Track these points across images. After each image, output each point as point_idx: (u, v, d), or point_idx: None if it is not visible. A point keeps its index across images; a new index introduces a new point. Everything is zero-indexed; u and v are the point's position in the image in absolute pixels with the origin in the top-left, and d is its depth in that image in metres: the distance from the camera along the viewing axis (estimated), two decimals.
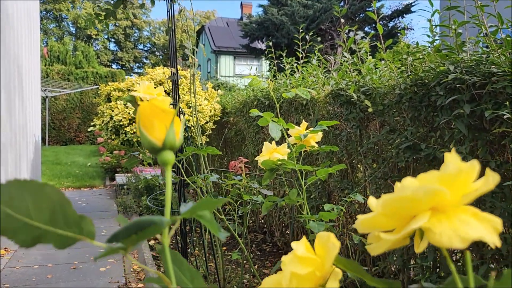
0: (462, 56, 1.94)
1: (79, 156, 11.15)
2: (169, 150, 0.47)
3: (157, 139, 0.46)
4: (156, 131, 0.46)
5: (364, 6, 13.93)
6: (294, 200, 1.36)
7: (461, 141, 1.93)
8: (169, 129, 0.46)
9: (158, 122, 0.46)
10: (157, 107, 0.46)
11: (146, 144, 0.47)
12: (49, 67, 14.71)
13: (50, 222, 0.36)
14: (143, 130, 0.47)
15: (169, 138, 0.46)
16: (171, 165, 0.47)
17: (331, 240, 0.42)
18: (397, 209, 0.35)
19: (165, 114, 0.46)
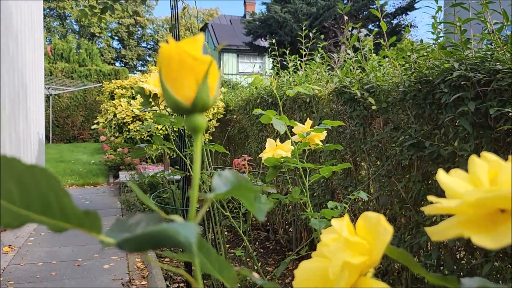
0: (466, 53, 1.93)
1: (82, 153, 11.18)
2: (200, 112, 0.37)
3: (185, 97, 0.36)
4: (184, 87, 0.36)
5: (368, 3, 13.87)
6: (297, 198, 1.35)
7: (465, 139, 1.92)
8: (202, 84, 0.36)
9: (188, 74, 0.36)
10: (187, 53, 0.35)
11: (170, 103, 0.37)
12: (52, 65, 14.74)
13: (42, 211, 0.30)
14: (167, 85, 0.36)
15: (201, 96, 0.36)
16: (202, 132, 0.38)
17: (382, 224, 0.36)
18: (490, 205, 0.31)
19: (197, 63, 0.35)
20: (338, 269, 0.35)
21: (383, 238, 0.35)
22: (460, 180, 0.35)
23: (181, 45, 0.35)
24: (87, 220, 0.32)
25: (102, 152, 10.10)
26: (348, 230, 0.37)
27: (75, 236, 4.17)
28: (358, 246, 0.36)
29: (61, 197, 0.31)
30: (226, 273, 0.38)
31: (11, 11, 4.27)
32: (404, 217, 2.30)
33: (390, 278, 2.44)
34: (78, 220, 0.32)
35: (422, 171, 2.20)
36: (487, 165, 0.35)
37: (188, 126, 0.37)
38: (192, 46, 0.35)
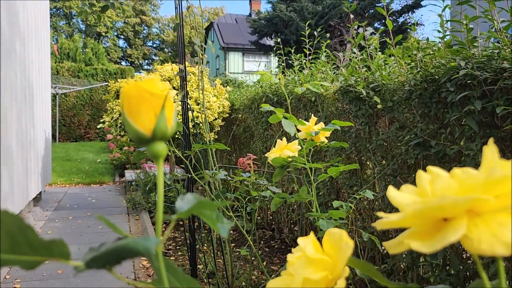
0: (473, 52, 1.92)
1: (89, 152, 11.23)
2: (160, 140, 0.40)
3: (145, 128, 0.39)
4: (144, 119, 0.39)
5: (374, 1, 13.82)
6: (304, 197, 1.35)
7: (471, 138, 1.91)
8: (160, 116, 0.39)
9: (146, 108, 0.39)
10: (145, 90, 0.39)
11: (132, 134, 0.40)
12: (59, 64, 14.81)
13: (12, 249, 0.32)
14: (128, 118, 0.40)
15: (159, 126, 0.39)
16: (163, 158, 0.41)
17: (344, 240, 0.39)
18: (432, 215, 0.32)
19: (155, 98, 0.39)
20: (299, 285, 0.38)
21: (345, 253, 0.38)
22: (408, 194, 0.37)
23: (139, 84, 0.39)
24: (55, 248, 0.33)
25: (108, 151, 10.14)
26: (313, 247, 0.41)
27: (81, 235, 4.19)
28: (319, 262, 0.39)
29: (26, 232, 0.32)
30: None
31: (18, 9, 4.29)
32: None
33: (396, 278, 2.43)
34: (47, 250, 0.33)
35: None
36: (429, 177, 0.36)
37: (150, 153, 0.41)
38: (150, 84, 0.39)
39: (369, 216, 2.68)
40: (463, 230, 0.30)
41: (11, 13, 4.01)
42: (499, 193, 0.31)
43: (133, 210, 5.16)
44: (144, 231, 4.28)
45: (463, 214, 0.31)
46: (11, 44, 4.00)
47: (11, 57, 4.00)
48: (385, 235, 2.60)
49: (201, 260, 3.13)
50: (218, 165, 3.06)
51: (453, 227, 0.30)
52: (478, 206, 0.31)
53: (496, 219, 0.30)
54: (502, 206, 0.31)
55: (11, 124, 3.94)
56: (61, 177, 7.70)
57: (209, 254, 3.10)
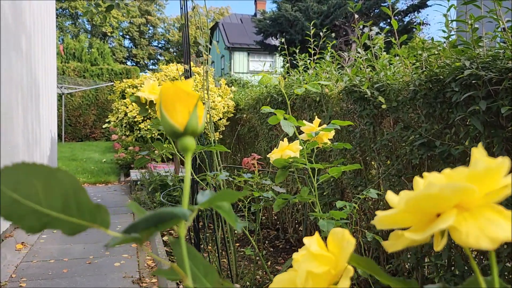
0: (478, 52, 1.91)
1: (94, 152, 11.27)
2: (191, 135, 0.45)
3: (178, 123, 0.44)
4: (178, 115, 0.44)
5: (379, 1, 13.78)
6: (306, 198, 1.35)
7: (476, 138, 1.91)
8: (192, 113, 0.44)
9: (181, 105, 0.44)
10: (181, 89, 0.44)
11: (167, 128, 0.45)
12: (65, 64, 14.88)
13: (63, 209, 0.34)
14: (165, 113, 0.44)
15: (191, 123, 0.44)
16: (192, 152, 0.45)
17: (345, 238, 0.41)
18: (421, 206, 0.34)
19: (189, 97, 0.44)
20: (303, 278, 0.40)
21: (346, 250, 0.40)
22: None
23: (177, 84, 0.44)
24: (98, 214, 0.36)
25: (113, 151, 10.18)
26: (318, 245, 0.43)
27: (87, 234, 4.19)
28: (322, 257, 0.41)
29: (78, 193, 0.35)
30: (210, 277, 0.42)
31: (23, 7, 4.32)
32: None
33: None
34: (91, 215, 0.35)
35: (433, 170, 2.18)
36: (423, 181, 0.38)
37: (181, 147, 0.45)
38: (186, 85, 0.44)
39: (374, 216, 2.67)
40: (451, 220, 0.32)
41: (17, 13, 4.03)
42: (488, 190, 0.33)
43: None
44: None
45: (453, 208, 0.33)
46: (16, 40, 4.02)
47: (17, 54, 4.02)
48: (389, 234, 2.59)
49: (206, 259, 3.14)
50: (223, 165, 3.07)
51: (443, 218, 0.33)
52: (466, 200, 0.33)
53: (484, 215, 0.32)
54: (490, 202, 0.33)
55: (17, 123, 3.96)
56: None
57: (214, 254, 3.10)
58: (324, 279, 0.41)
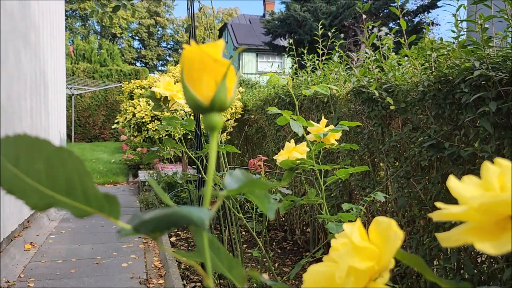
0: (488, 52, 1.88)
1: (103, 152, 11.33)
2: (218, 111, 0.38)
3: (204, 96, 0.38)
4: (204, 87, 0.37)
5: (388, 1, 13.71)
6: (313, 200, 1.34)
7: (486, 140, 1.88)
8: (220, 84, 0.37)
9: (207, 75, 0.37)
10: (208, 55, 0.37)
11: (190, 101, 0.38)
12: (75, 65, 14.99)
13: (66, 192, 0.31)
14: (187, 84, 0.38)
15: (219, 96, 0.37)
16: (219, 130, 0.39)
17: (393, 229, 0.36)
18: (499, 210, 0.30)
19: (217, 65, 0.37)
20: (344, 273, 0.36)
21: (393, 243, 0.35)
22: (471, 186, 0.34)
23: (203, 47, 0.37)
24: (106, 204, 0.33)
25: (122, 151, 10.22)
26: (359, 234, 0.38)
27: (95, 235, 4.22)
28: (366, 251, 0.36)
29: (84, 178, 0.32)
30: (235, 272, 0.39)
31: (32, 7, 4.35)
32: (423, 219, 2.26)
33: (409, 281, 2.39)
34: (99, 203, 0.32)
35: (442, 172, 2.16)
36: (498, 170, 0.33)
37: (206, 124, 0.39)
38: (213, 49, 0.37)
39: None
40: None
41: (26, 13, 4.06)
42: None
43: (147, 210, 5.19)
44: None
45: None
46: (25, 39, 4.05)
47: (26, 54, 4.05)
48: None
49: None
50: (230, 166, 3.06)
51: None
52: None
53: None
54: None
55: (26, 122, 3.99)
56: None
57: None
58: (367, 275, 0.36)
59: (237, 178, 0.38)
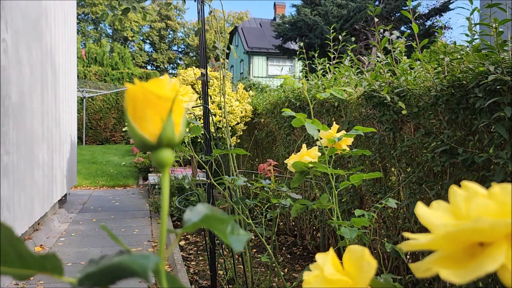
0: (503, 56, 1.85)
1: (114, 155, 11.39)
2: (166, 147, 0.38)
3: (150, 134, 0.37)
4: (150, 124, 0.37)
5: (400, 5, 13.63)
6: (325, 205, 1.31)
7: (501, 146, 1.84)
8: (166, 121, 0.37)
9: (152, 112, 0.36)
10: (151, 92, 0.36)
11: (136, 140, 0.37)
12: (86, 68, 15.12)
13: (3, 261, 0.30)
14: (132, 122, 0.37)
15: (165, 132, 0.37)
16: (169, 167, 0.38)
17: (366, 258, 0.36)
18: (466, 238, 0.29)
19: (162, 101, 0.36)
20: None
21: (366, 273, 0.35)
22: (440, 212, 0.33)
23: (145, 85, 0.36)
24: (48, 263, 0.32)
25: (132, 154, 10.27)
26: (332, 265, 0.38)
27: (104, 237, 4.23)
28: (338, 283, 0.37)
29: (17, 245, 0.30)
30: None
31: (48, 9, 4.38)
32: None
33: None
34: (39, 264, 0.31)
35: (455, 178, 2.12)
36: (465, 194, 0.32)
37: (155, 162, 0.38)
38: (157, 86, 0.36)
39: (394, 225, 2.61)
40: (501, 259, 0.26)
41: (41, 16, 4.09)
42: None
43: (156, 214, 5.19)
44: None
45: (502, 239, 0.27)
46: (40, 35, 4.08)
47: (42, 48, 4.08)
48: None
49: (221, 265, 3.11)
50: (239, 170, 3.04)
51: (490, 255, 0.27)
52: None
53: None
54: None
55: (37, 126, 4.01)
56: (86, 180, 7.83)
57: (229, 260, 3.07)
58: None
59: (197, 213, 0.36)
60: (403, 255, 1.45)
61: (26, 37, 3.63)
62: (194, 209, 0.37)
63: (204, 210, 0.37)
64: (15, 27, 3.32)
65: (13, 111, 3.28)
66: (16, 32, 3.35)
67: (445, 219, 0.32)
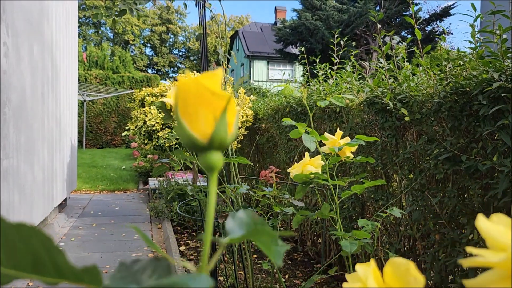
0: (507, 64, 1.83)
1: (114, 159, 11.37)
2: (217, 149, 0.35)
3: (201, 133, 0.34)
4: (201, 123, 0.34)
5: (401, 10, 13.65)
6: (327, 215, 1.30)
7: (505, 154, 1.82)
8: (220, 120, 0.34)
9: (205, 110, 0.34)
10: (205, 88, 0.33)
11: (185, 140, 0.34)
12: (87, 71, 15.12)
13: (34, 269, 0.29)
14: (182, 120, 0.34)
15: (218, 133, 0.34)
16: (218, 171, 0.35)
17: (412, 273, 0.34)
18: None
19: (216, 98, 0.33)
20: None
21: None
22: (503, 228, 0.31)
23: (199, 79, 0.33)
24: (86, 275, 0.30)
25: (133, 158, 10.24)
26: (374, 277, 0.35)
27: (104, 242, 4.20)
28: None
29: (55, 255, 0.29)
30: None
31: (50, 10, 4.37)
32: (438, 233, 2.20)
33: None
34: (76, 276, 0.30)
35: (458, 186, 2.10)
36: None
37: (203, 164, 0.35)
38: (211, 81, 0.33)
39: (396, 232, 2.60)
40: None
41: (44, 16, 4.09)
42: None
43: (156, 219, 5.17)
44: (166, 240, 4.27)
45: None
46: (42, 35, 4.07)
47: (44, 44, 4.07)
48: (411, 251, 2.51)
49: (222, 271, 3.09)
50: (240, 176, 3.02)
51: None
52: None
53: None
54: None
55: (38, 130, 4.00)
56: (86, 184, 7.81)
57: (230, 266, 3.05)
58: None
59: (241, 222, 0.34)
60: None
61: (28, 39, 3.62)
62: (236, 217, 0.34)
63: (245, 218, 0.34)
64: (16, 29, 3.31)
65: (14, 114, 3.26)
66: (17, 34, 3.34)
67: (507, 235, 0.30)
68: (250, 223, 0.34)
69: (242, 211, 0.35)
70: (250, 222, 0.34)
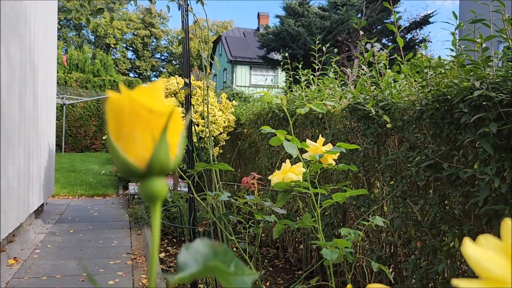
0: (488, 72, 1.85)
1: (94, 163, 11.19)
2: (158, 175, 0.30)
3: (138, 158, 0.29)
4: (138, 146, 0.29)
5: (382, 18, 13.82)
6: (308, 224, 1.27)
7: (486, 161, 1.83)
8: (159, 142, 0.29)
9: (141, 131, 0.29)
10: (141, 105, 0.28)
11: (120, 166, 0.30)
12: (67, 74, 14.89)
13: None
14: (115, 143, 0.29)
15: (158, 157, 0.29)
16: (161, 201, 0.30)
17: None
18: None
19: (154, 116, 0.29)
20: None
21: None
22: (494, 254, 0.28)
23: (133, 95, 0.28)
24: None
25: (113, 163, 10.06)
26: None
27: (81, 249, 4.11)
28: None
29: None
30: None
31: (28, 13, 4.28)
32: (419, 241, 2.20)
33: None
34: None
35: (439, 193, 2.10)
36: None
37: (143, 194, 0.30)
38: (148, 96, 0.29)
39: (377, 239, 2.59)
40: None
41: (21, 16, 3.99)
42: None
43: (136, 225, 5.09)
44: (146, 246, 4.20)
45: None
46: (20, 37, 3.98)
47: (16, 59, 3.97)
48: (393, 258, 2.51)
49: (202, 280, 3.04)
50: (222, 182, 2.98)
51: None
52: None
53: None
54: None
55: (13, 133, 3.90)
56: (64, 189, 7.65)
57: None
58: None
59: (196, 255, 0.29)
60: (389, 275, 1.42)
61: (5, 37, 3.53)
62: (192, 248, 0.30)
63: (202, 248, 0.30)
64: None
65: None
66: None
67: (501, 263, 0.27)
68: (208, 255, 0.29)
69: (200, 242, 0.30)
70: (209, 254, 0.29)
